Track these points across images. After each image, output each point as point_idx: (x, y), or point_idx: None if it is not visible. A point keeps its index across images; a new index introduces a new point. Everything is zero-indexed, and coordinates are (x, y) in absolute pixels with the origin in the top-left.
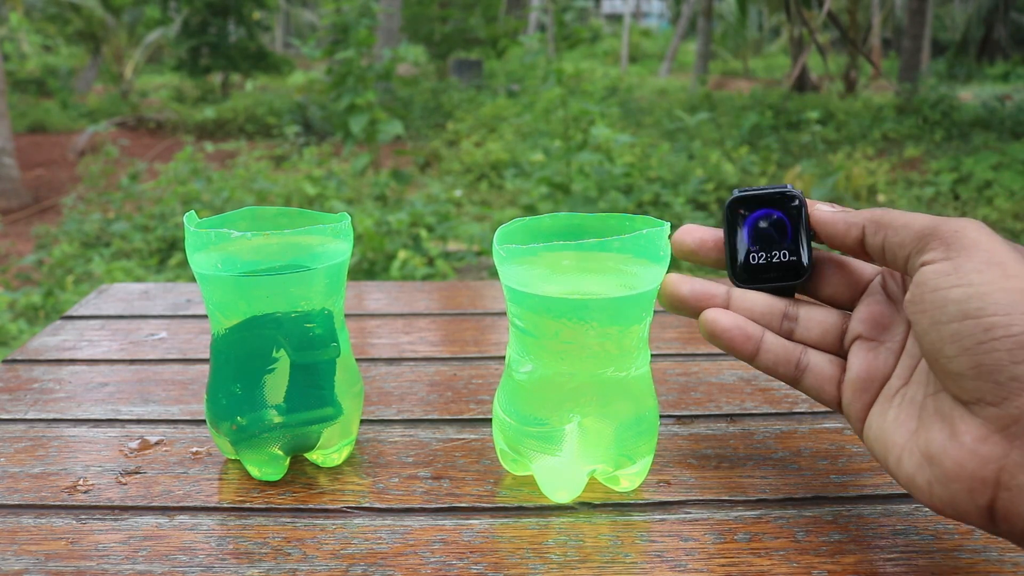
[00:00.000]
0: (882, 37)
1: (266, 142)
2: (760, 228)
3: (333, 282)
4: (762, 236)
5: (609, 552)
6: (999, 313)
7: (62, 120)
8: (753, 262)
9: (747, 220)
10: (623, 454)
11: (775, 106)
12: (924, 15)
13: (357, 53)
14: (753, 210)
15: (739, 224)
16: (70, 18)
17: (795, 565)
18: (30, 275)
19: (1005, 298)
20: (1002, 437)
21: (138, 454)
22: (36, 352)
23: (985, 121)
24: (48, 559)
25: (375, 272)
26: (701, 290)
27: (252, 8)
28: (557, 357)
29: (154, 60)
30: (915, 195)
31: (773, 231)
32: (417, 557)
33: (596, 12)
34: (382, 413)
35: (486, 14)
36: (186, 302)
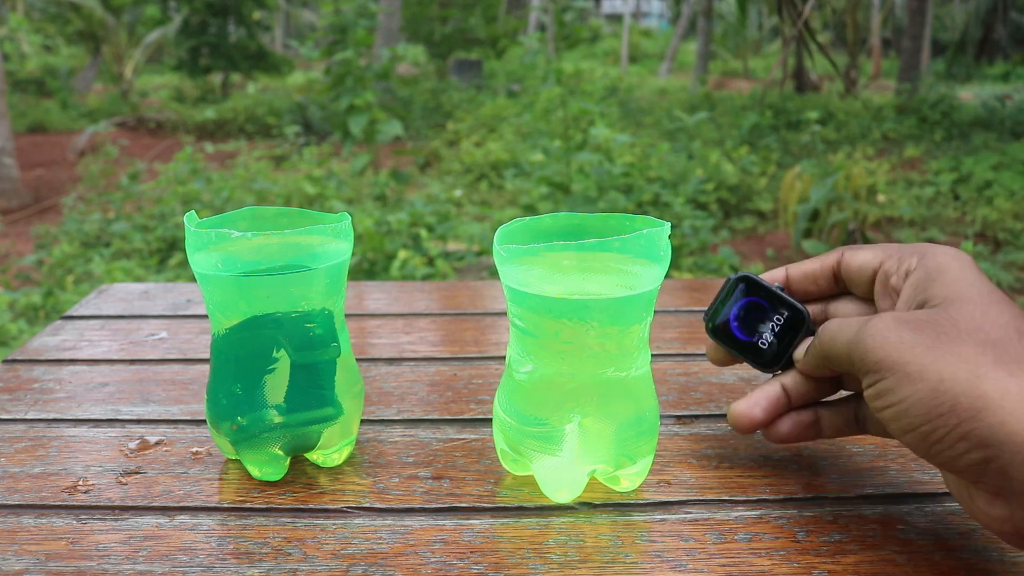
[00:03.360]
0: (882, 37)
1: (266, 142)
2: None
3: (333, 282)
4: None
5: (609, 552)
6: (923, 424)
7: (62, 120)
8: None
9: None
10: (623, 454)
11: (774, 106)
12: (924, 15)
13: (355, 53)
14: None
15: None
16: (70, 18)
17: (795, 565)
18: (30, 275)
19: (921, 407)
20: (1002, 500)
21: (138, 454)
22: (36, 352)
23: (985, 121)
24: (48, 559)
25: (375, 272)
26: (769, 405)
27: (252, 8)
28: (557, 357)
29: (154, 60)
30: (915, 195)
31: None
32: (417, 557)
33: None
34: (382, 413)
35: (486, 14)
36: (186, 302)
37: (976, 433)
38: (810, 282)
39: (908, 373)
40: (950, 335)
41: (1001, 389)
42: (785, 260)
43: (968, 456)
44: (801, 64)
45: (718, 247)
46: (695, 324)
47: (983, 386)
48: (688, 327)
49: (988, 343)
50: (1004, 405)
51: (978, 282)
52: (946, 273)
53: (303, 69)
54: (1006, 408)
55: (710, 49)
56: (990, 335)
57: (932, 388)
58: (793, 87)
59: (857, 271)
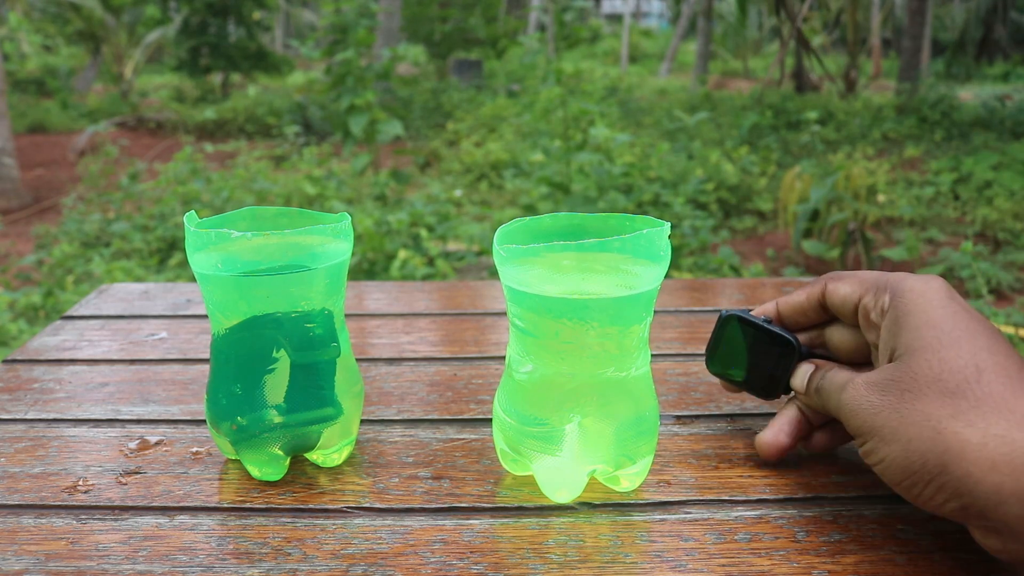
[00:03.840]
0: (882, 37)
1: (266, 142)
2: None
3: (333, 282)
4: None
5: (609, 552)
6: (904, 480)
7: (62, 120)
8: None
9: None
10: (623, 454)
11: (774, 106)
12: (924, 15)
13: (356, 53)
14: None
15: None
16: (70, 18)
17: (795, 565)
18: (30, 275)
19: (898, 466)
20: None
21: (138, 454)
22: (36, 352)
23: (985, 121)
24: (48, 559)
25: (375, 272)
26: (792, 430)
27: (252, 8)
28: (557, 357)
29: (154, 60)
30: (915, 195)
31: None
32: (417, 557)
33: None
34: (382, 413)
35: (486, 14)
36: (186, 302)
37: (949, 485)
38: (800, 314)
39: (883, 437)
40: (912, 392)
41: (961, 442)
42: (785, 260)
43: (948, 504)
44: (801, 64)
45: (718, 247)
46: (695, 324)
47: (945, 440)
48: (688, 327)
49: (947, 394)
50: (966, 456)
51: (941, 321)
52: (911, 316)
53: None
54: (968, 459)
55: (710, 49)
56: (948, 384)
57: (903, 448)
58: (793, 87)
59: (840, 305)
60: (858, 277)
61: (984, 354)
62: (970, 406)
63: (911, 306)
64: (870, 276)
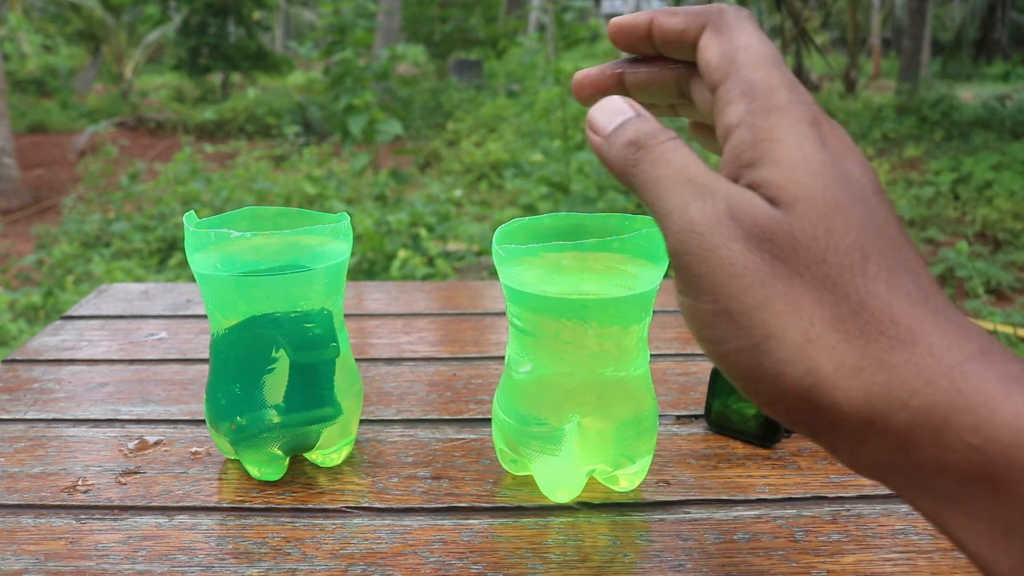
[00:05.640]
0: (882, 37)
1: (266, 142)
2: None
3: (333, 282)
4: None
5: (608, 552)
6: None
7: (62, 120)
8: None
9: None
10: (622, 454)
11: None
12: (924, 15)
13: (354, 53)
14: None
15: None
16: (70, 18)
17: (794, 565)
18: (30, 275)
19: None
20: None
21: (137, 454)
22: (36, 352)
23: (985, 121)
24: (48, 559)
25: (375, 272)
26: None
27: (252, 8)
28: (556, 357)
29: (154, 60)
30: (915, 195)
31: None
32: (416, 557)
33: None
34: (382, 413)
35: (486, 14)
36: (186, 302)
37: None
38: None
39: (730, 314)
40: (789, 267)
41: (835, 362)
42: None
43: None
44: (801, 64)
45: None
46: None
47: (814, 357)
48: (687, 327)
49: (828, 286)
50: (837, 384)
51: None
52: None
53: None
54: (840, 387)
55: None
56: (831, 271)
57: (754, 346)
58: None
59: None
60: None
61: (868, 235)
62: (851, 311)
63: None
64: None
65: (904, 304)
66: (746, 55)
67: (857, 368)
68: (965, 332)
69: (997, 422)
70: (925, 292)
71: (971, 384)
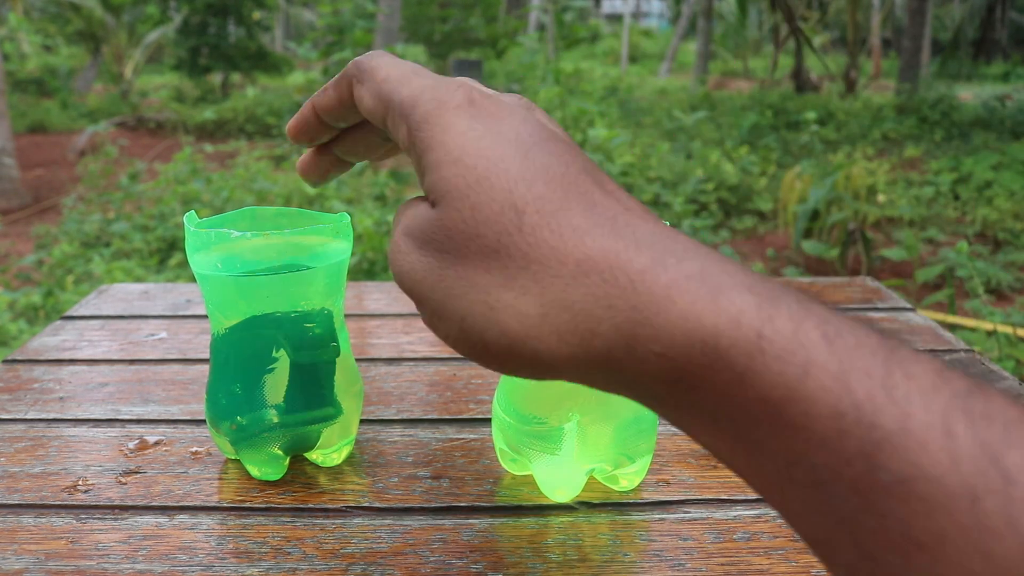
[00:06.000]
0: (882, 37)
1: (266, 142)
2: None
3: (333, 282)
4: None
5: (608, 551)
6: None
7: (62, 120)
8: None
9: None
10: (622, 453)
11: (773, 106)
12: (924, 15)
13: (354, 54)
14: None
15: None
16: (70, 18)
17: (794, 564)
18: (30, 275)
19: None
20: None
21: (137, 454)
22: (36, 352)
23: (985, 121)
24: (48, 558)
25: (375, 272)
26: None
27: (252, 8)
28: None
29: (154, 60)
30: (915, 195)
31: None
32: (416, 556)
33: (596, 12)
34: (382, 413)
35: (486, 14)
36: (186, 302)
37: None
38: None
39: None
40: (452, 255)
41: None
42: (785, 260)
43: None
44: (800, 64)
45: (718, 247)
46: None
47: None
48: None
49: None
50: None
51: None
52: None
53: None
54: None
55: (710, 49)
56: (488, 241)
57: (459, 328)
58: (793, 87)
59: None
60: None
61: (521, 187)
62: (519, 267)
63: (429, 140)
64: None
65: (571, 240)
66: (388, 84)
67: (541, 316)
68: (638, 245)
69: (671, 327)
70: (596, 219)
71: (643, 298)
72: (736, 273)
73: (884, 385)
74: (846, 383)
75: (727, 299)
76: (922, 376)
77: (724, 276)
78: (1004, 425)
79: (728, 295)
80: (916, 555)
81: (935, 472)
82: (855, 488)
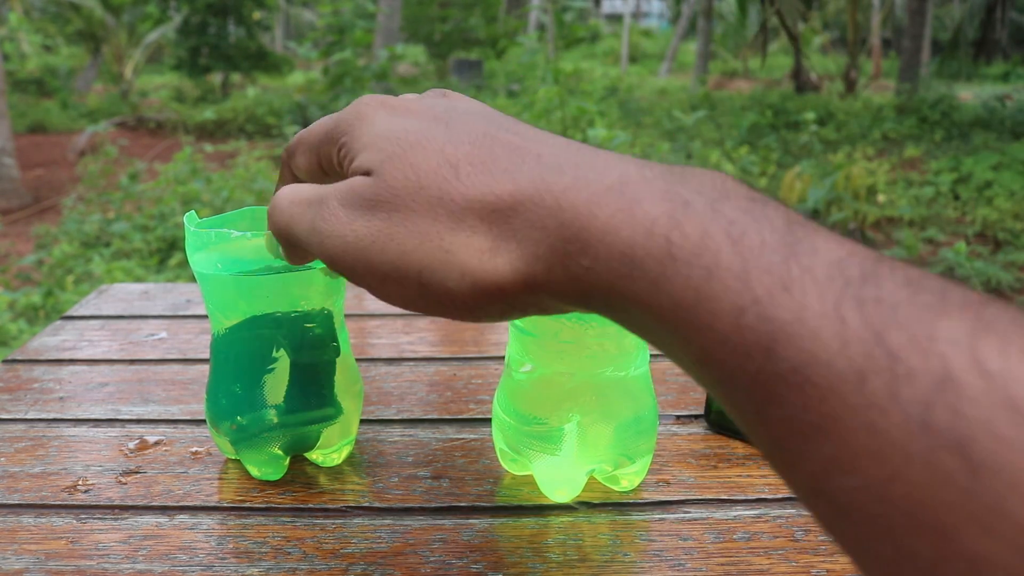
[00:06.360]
0: (882, 37)
1: (266, 142)
2: None
3: (333, 282)
4: None
5: (608, 551)
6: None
7: (62, 120)
8: None
9: None
10: (622, 453)
11: (773, 106)
12: (924, 15)
13: (354, 54)
14: None
15: None
16: (70, 18)
17: (794, 564)
18: (30, 275)
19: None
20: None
21: (138, 454)
22: (36, 352)
23: (985, 121)
24: (48, 558)
25: None
26: None
27: (252, 8)
28: (556, 357)
29: (154, 60)
30: (915, 195)
31: None
32: (417, 556)
33: (596, 12)
34: (382, 413)
35: (486, 14)
36: (186, 302)
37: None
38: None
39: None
40: (401, 211)
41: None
42: None
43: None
44: (800, 64)
45: None
46: None
47: (457, 258)
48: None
49: (434, 202)
50: (485, 268)
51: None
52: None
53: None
54: (487, 269)
55: (710, 49)
56: (431, 192)
57: (420, 284)
58: (793, 87)
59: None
60: (306, 141)
61: (449, 148)
62: (463, 209)
63: (359, 135)
64: (316, 132)
65: (503, 179)
66: (309, 132)
67: (492, 249)
68: (562, 168)
69: (595, 241)
70: (523, 158)
71: (568, 215)
72: (655, 180)
73: (782, 280)
74: (747, 281)
75: (641, 209)
76: (819, 268)
77: (642, 185)
78: (892, 307)
79: (642, 205)
80: (815, 438)
81: (826, 357)
82: (756, 380)
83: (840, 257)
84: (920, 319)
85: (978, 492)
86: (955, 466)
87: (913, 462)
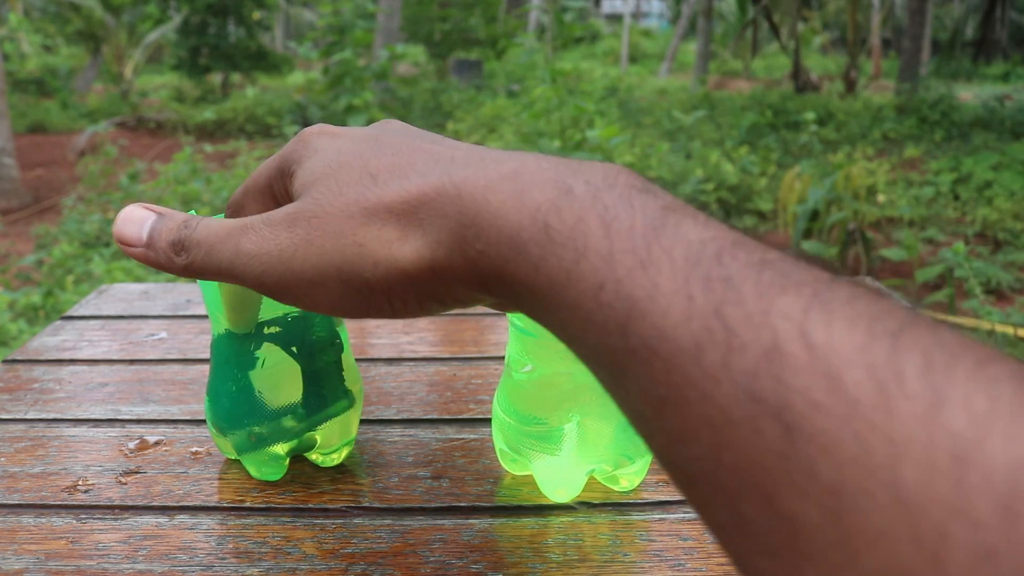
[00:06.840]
0: (882, 37)
1: (266, 142)
2: None
3: None
4: None
5: (608, 551)
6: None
7: (62, 120)
8: None
9: None
10: (622, 453)
11: (773, 106)
12: (924, 15)
13: (354, 54)
14: None
15: None
16: (70, 18)
17: None
18: (30, 275)
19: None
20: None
21: (138, 454)
22: (36, 352)
23: (985, 121)
24: (48, 558)
25: None
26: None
27: (252, 8)
28: (556, 357)
29: (154, 60)
30: (915, 195)
31: None
32: (416, 556)
33: (596, 12)
34: (382, 413)
35: (486, 14)
36: (186, 302)
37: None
38: None
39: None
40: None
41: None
42: None
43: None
44: (800, 64)
45: None
46: None
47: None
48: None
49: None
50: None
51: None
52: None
53: (303, 69)
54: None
55: (710, 49)
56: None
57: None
58: (792, 87)
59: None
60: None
61: (373, 161)
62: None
63: (301, 160)
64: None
65: (416, 183)
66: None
67: (400, 238)
68: (468, 162)
69: (488, 226)
70: (437, 162)
71: (466, 201)
72: (548, 170)
73: (641, 260)
74: (610, 262)
75: (529, 196)
76: (677, 249)
77: (536, 173)
78: (737, 285)
79: (531, 192)
80: (663, 410)
81: (671, 332)
82: (614, 356)
83: (702, 239)
84: (760, 296)
85: (794, 456)
86: (775, 432)
87: (740, 429)
